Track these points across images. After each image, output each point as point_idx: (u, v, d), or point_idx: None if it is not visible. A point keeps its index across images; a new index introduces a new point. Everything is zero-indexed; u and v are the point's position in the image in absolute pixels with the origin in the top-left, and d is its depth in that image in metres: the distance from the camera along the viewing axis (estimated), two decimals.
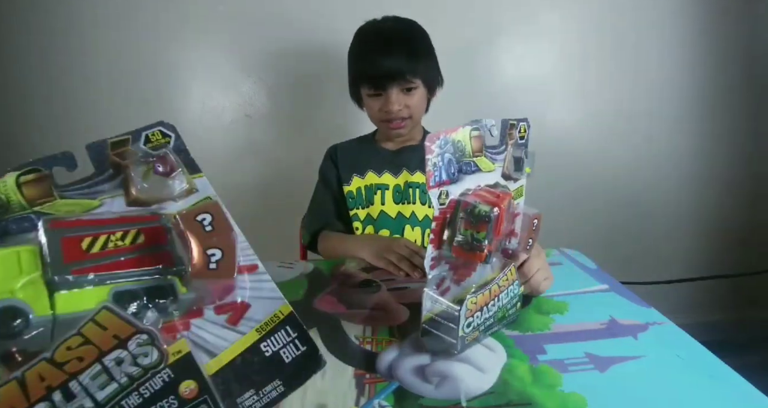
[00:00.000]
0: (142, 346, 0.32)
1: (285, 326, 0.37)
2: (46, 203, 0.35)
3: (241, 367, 0.36)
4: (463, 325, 0.47)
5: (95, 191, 0.37)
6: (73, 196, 0.36)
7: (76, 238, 0.34)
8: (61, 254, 0.33)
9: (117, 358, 0.31)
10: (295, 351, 0.37)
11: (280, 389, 0.36)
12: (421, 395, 0.44)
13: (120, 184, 0.37)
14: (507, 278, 0.52)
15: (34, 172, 0.35)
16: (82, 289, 0.33)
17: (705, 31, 1.39)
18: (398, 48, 0.88)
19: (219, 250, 0.35)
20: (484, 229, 0.46)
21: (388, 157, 0.99)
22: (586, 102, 1.43)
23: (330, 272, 0.76)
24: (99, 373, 0.31)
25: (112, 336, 0.31)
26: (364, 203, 0.97)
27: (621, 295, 0.65)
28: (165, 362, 0.32)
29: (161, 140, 0.39)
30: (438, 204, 0.46)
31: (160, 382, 0.32)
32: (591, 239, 1.45)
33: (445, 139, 0.46)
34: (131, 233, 0.35)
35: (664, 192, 1.49)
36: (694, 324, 0.79)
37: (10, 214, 0.34)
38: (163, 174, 0.38)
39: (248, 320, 0.37)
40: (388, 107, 0.89)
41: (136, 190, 0.37)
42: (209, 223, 0.35)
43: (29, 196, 0.35)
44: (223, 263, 0.35)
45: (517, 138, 0.53)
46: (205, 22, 1.31)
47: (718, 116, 1.45)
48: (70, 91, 1.34)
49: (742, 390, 0.43)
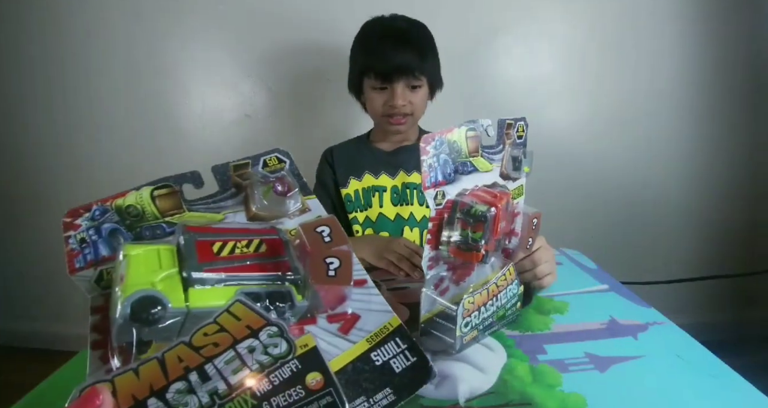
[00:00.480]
0: (273, 337, 0.34)
1: (395, 337, 0.39)
2: (176, 214, 0.40)
3: (353, 374, 0.37)
4: (460, 325, 0.48)
5: (219, 206, 0.42)
6: (200, 209, 0.41)
7: (209, 241, 0.37)
8: (196, 254, 0.36)
9: (249, 346, 0.34)
10: (405, 361, 0.38)
11: (391, 398, 0.37)
12: (421, 395, 0.44)
13: (241, 201, 0.42)
14: (505, 278, 0.52)
15: (166, 188, 0.40)
16: (213, 287, 0.35)
17: (705, 31, 1.39)
18: (409, 44, 0.89)
19: (337, 259, 0.37)
20: (481, 229, 0.46)
21: (384, 158, 1.00)
22: (585, 102, 1.43)
23: None
24: (233, 358, 0.33)
25: (245, 326, 0.34)
26: (363, 206, 0.97)
27: (621, 295, 0.65)
28: (293, 353, 0.34)
29: (277, 165, 0.44)
30: (434, 205, 0.47)
31: (288, 371, 0.34)
32: (591, 239, 1.45)
33: (441, 139, 0.46)
34: (255, 242, 0.38)
35: (664, 192, 1.49)
36: (695, 324, 0.79)
37: (144, 223, 0.40)
38: (281, 193, 0.42)
39: (359, 330, 0.39)
40: (393, 101, 0.90)
41: (256, 207, 0.41)
42: (328, 235, 0.38)
43: (162, 208, 0.40)
44: (341, 271, 0.37)
45: (515, 137, 0.53)
46: (205, 22, 1.31)
47: (718, 116, 1.45)
48: (69, 91, 1.34)
49: (743, 390, 0.43)
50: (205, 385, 0.32)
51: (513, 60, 1.39)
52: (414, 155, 0.94)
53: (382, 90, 0.91)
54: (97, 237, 0.38)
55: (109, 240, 0.38)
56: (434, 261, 0.49)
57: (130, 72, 1.32)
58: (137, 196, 0.39)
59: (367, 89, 0.94)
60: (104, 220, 0.38)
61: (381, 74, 0.89)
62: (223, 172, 0.42)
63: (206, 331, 0.33)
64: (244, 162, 0.43)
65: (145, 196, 0.39)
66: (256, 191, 0.41)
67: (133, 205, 0.39)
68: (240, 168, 0.42)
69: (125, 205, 0.39)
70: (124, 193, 0.39)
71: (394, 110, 0.91)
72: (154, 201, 0.40)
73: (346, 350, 0.38)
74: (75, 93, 1.34)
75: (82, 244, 0.38)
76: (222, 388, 0.32)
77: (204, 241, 0.37)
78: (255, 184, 0.42)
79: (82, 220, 0.38)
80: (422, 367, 0.38)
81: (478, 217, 0.46)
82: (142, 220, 0.39)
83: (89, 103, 1.34)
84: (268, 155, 0.44)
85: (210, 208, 0.42)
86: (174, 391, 0.31)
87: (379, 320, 0.40)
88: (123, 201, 0.39)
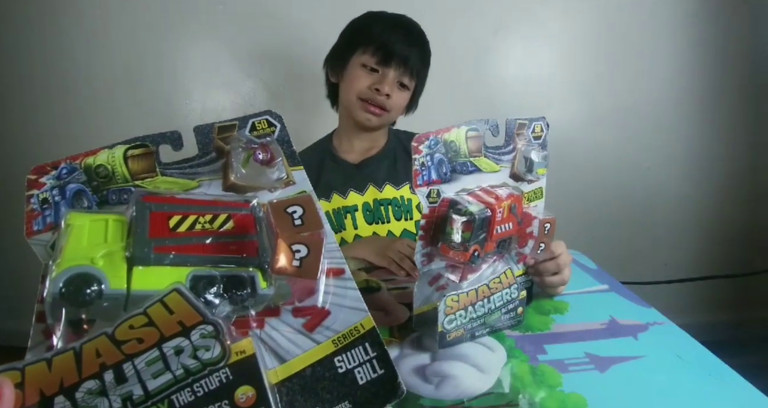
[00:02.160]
0: (206, 339, 0.30)
1: (364, 343, 0.34)
2: (148, 178, 0.36)
3: (311, 379, 0.33)
4: (443, 322, 0.48)
5: (195, 172, 0.37)
6: (174, 174, 0.37)
7: (165, 214, 0.33)
8: (147, 229, 0.32)
9: (177, 347, 0.29)
10: (371, 373, 0.34)
11: None
12: (422, 395, 0.44)
13: (220, 168, 0.37)
14: (500, 281, 0.52)
15: (142, 147, 0.36)
16: (161, 267, 0.31)
17: (706, 31, 1.39)
18: (418, 44, 0.88)
19: (305, 246, 0.33)
20: (469, 230, 0.46)
21: (350, 172, 0.94)
22: (585, 102, 1.43)
23: None
24: (156, 359, 0.29)
25: (177, 321, 0.30)
26: (336, 228, 0.90)
27: (621, 295, 0.65)
28: (226, 361, 0.30)
29: (267, 129, 0.39)
30: (427, 202, 0.47)
31: (217, 381, 0.29)
32: (591, 239, 1.45)
33: (435, 139, 0.46)
34: (221, 218, 0.34)
35: (664, 192, 1.49)
36: (695, 324, 0.79)
37: (112, 185, 0.36)
38: (263, 162, 0.37)
39: (326, 329, 0.35)
40: (381, 86, 0.85)
41: (234, 176, 0.36)
42: (299, 217, 0.33)
43: (133, 170, 0.36)
44: (308, 261, 0.33)
45: (530, 138, 0.53)
46: (205, 22, 1.31)
47: (718, 116, 1.45)
48: (69, 91, 1.34)
49: (743, 390, 0.43)
50: (119, 388, 0.28)
51: (513, 60, 1.39)
52: (383, 166, 0.92)
53: (372, 72, 0.87)
54: (60, 198, 0.34)
55: (73, 202, 0.35)
56: (428, 257, 0.49)
57: (130, 72, 1.32)
58: (109, 155, 0.36)
59: (355, 66, 0.88)
60: (70, 179, 0.35)
61: (382, 53, 0.84)
62: (206, 133, 0.38)
63: (133, 323, 0.29)
64: (230, 124, 0.38)
65: (117, 156, 0.36)
66: (236, 158, 0.37)
67: (104, 165, 0.35)
68: (225, 130, 0.38)
69: (95, 164, 0.35)
70: (95, 150, 0.36)
71: (377, 97, 0.86)
72: (127, 162, 0.36)
73: (308, 350, 0.34)
74: (74, 93, 1.33)
75: (43, 205, 0.34)
76: (138, 393, 0.28)
77: (160, 213, 0.33)
78: (235, 150, 0.37)
79: (47, 179, 0.35)
80: (389, 382, 0.33)
81: (467, 217, 0.46)
82: (110, 182, 0.36)
83: (89, 103, 1.34)
84: (258, 117, 0.39)
85: (185, 174, 0.37)
86: (84, 390, 0.28)
87: (351, 319, 0.35)
88: (93, 160, 0.35)
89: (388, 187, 0.91)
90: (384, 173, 0.92)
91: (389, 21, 0.89)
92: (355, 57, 0.88)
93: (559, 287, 0.62)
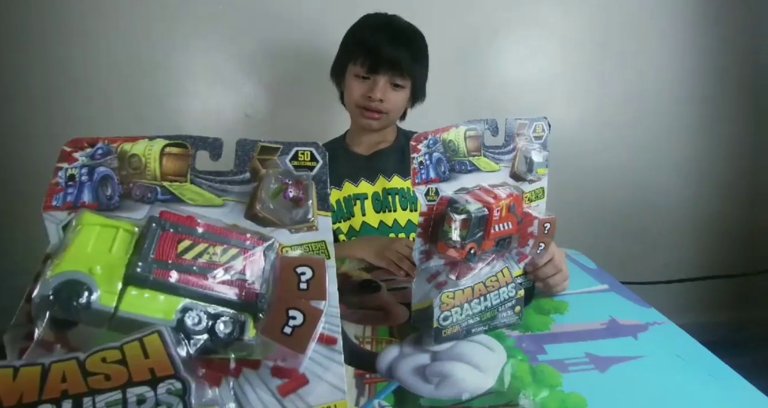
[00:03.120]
0: (171, 395, 0.28)
1: None
2: (176, 182, 0.35)
3: None
4: (438, 318, 0.48)
5: (224, 189, 0.36)
6: (202, 185, 0.35)
7: (177, 236, 0.32)
8: (154, 249, 0.31)
9: (141, 396, 0.28)
10: None
11: None
12: (421, 395, 0.44)
13: (249, 191, 0.36)
14: (497, 279, 0.52)
15: (181, 147, 0.35)
16: (157, 293, 0.30)
17: (707, 31, 1.39)
18: (404, 42, 0.89)
19: (302, 315, 0.32)
20: (466, 228, 0.46)
21: (362, 164, 0.98)
22: (585, 102, 1.43)
23: None
24: (116, 402, 0.28)
25: (148, 368, 0.28)
26: (345, 215, 0.95)
27: (621, 295, 0.65)
28: None
29: (308, 162, 0.37)
30: (426, 200, 0.47)
31: None
32: (591, 239, 1.45)
33: (434, 138, 0.47)
34: (231, 252, 0.33)
35: (664, 192, 1.49)
36: (694, 324, 0.79)
37: (140, 179, 0.34)
38: (293, 200, 0.35)
39: (298, 398, 0.33)
40: (372, 93, 0.89)
41: (259, 206, 0.35)
42: (306, 281, 0.32)
43: (166, 169, 0.35)
44: (300, 331, 0.31)
45: (531, 137, 0.53)
46: (205, 22, 1.31)
47: (719, 116, 1.45)
48: (68, 91, 1.34)
49: (743, 390, 0.43)
50: None
51: (513, 60, 1.39)
52: (392, 159, 0.96)
53: (364, 80, 0.90)
54: (87, 178, 0.33)
55: (98, 187, 0.33)
56: (426, 254, 0.49)
57: (130, 72, 1.32)
58: (147, 147, 0.34)
59: (350, 76, 0.92)
60: (103, 162, 0.34)
61: (368, 63, 0.88)
62: (248, 150, 0.36)
63: (106, 356, 0.28)
64: (274, 146, 0.36)
65: (155, 149, 0.34)
66: (267, 188, 0.35)
67: (139, 156, 0.34)
68: (267, 152, 0.36)
69: (131, 152, 0.34)
70: (136, 138, 0.34)
71: (371, 103, 0.90)
72: (162, 158, 0.34)
73: None
74: (73, 93, 1.33)
75: (68, 182, 0.33)
76: None
77: (171, 234, 0.31)
78: (269, 179, 0.35)
79: (80, 155, 0.33)
80: None
81: (464, 215, 0.46)
82: (140, 175, 0.34)
83: (88, 103, 1.34)
84: (304, 148, 0.37)
85: (213, 187, 0.35)
86: None
87: (327, 397, 0.33)
88: (131, 147, 0.34)
89: (396, 178, 0.95)
90: (393, 165, 0.96)
91: (375, 27, 0.92)
92: (348, 68, 0.92)
93: (563, 283, 0.62)
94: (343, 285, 0.69)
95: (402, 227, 0.94)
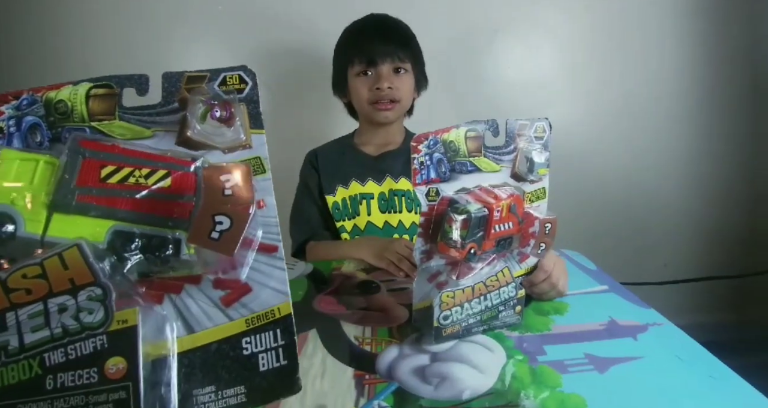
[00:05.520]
0: (92, 301, 0.29)
1: (276, 328, 0.33)
2: (105, 121, 0.35)
3: (214, 356, 0.32)
4: (438, 317, 0.48)
5: (153, 121, 0.35)
6: (131, 120, 0.35)
7: (99, 162, 0.31)
8: (76, 175, 0.31)
9: (62, 305, 0.29)
10: (274, 361, 0.33)
11: (241, 399, 0.32)
12: (421, 396, 0.44)
13: (179, 121, 0.35)
14: (497, 279, 0.52)
15: (106, 88, 0.35)
16: (82, 217, 0.30)
17: (707, 31, 1.39)
18: (391, 31, 0.92)
19: (229, 219, 0.31)
20: (466, 228, 0.46)
21: (370, 164, 0.99)
22: (586, 102, 1.43)
23: (329, 273, 0.76)
24: (38, 313, 0.28)
25: (68, 278, 0.29)
26: (350, 214, 0.96)
27: (620, 295, 0.65)
28: (106, 327, 0.29)
29: (237, 85, 0.37)
30: (426, 201, 0.47)
31: (91, 347, 0.28)
32: (591, 240, 1.44)
33: (435, 139, 0.47)
34: (159, 173, 0.32)
35: (665, 193, 1.49)
36: (694, 325, 0.79)
37: (68, 123, 0.34)
38: (221, 120, 0.35)
39: (242, 306, 0.34)
40: (380, 83, 0.90)
41: (189, 131, 0.34)
42: (231, 186, 0.32)
43: (93, 110, 0.35)
44: (227, 235, 0.31)
45: (532, 138, 0.53)
46: (204, 22, 1.31)
47: (719, 117, 1.45)
48: None
49: (742, 391, 0.43)
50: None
51: (513, 61, 1.39)
52: (399, 160, 0.97)
53: (366, 76, 0.92)
54: (15, 129, 0.33)
55: (27, 135, 0.34)
56: (427, 254, 0.49)
57: (130, 73, 1.32)
58: (72, 92, 0.34)
59: (352, 80, 0.93)
60: (29, 111, 0.34)
61: (365, 58, 0.90)
62: (174, 81, 0.36)
63: (27, 272, 0.29)
64: (201, 74, 0.36)
65: (80, 93, 0.34)
66: (193, 111, 0.35)
67: (64, 101, 0.34)
68: (195, 81, 0.36)
69: (56, 99, 0.34)
70: (59, 85, 0.35)
71: (381, 94, 0.91)
72: (88, 100, 0.35)
73: (220, 325, 0.32)
74: None
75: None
76: (14, 344, 0.28)
77: (93, 161, 0.31)
78: (195, 103, 0.34)
79: (7, 108, 0.33)
80: (288, 376, 0.33)
81: (465, 215, 0.46)
82: (67, 119, 0.34)
83: None
84: (231, 72, 0.37)
85: (142, 121, 0.35)
86: None
87: (270, 301, 0.33)
88: (56, 94, 0.34)
89: (403, 179, 0.96)
90: (401, 167, 0.96)
91: (360, 29, 0.95)
92: (349, 73, 0.94)
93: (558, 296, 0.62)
94: (343, 285, 0.70)
95: (406, 229, 0.95)
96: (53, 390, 0.27)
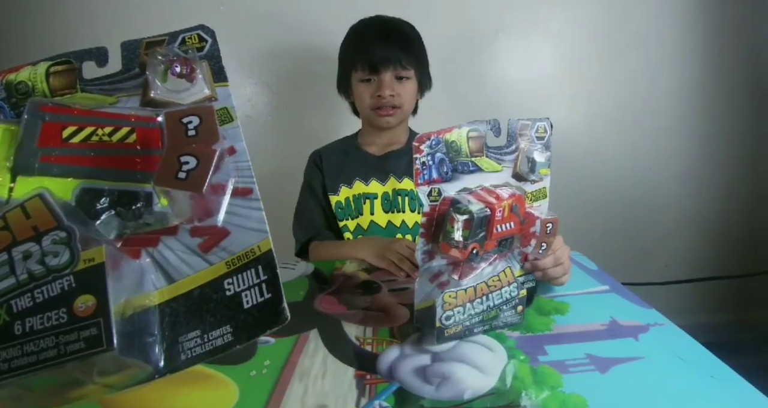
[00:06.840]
0: (56, 244, 0.28)
1: (257, 265, 0.32)
2: (67, 95, 0.35)
3: (198, 301, 0.32)
4: (441, 317, 0.48)
5: (115, 88, 0.35)
6: (93, 91, 0.35)
7: (60, 124, 0.31)
8: (37, 138, 0.30)
9: (26, 252, 0.28)
10: (257, 296, 0.32)
11: (228, 338, 0.31)
12: (422, 396, 0.44)
13: (141, 84, 0.35)
14: (499, 279, 0.52)
15: (65, 64, 0.35)
16: (47, 178, 0.30)
17: (707, 31, 1.39)
18: (395, 36, 0.91)
19: (195, 158, 0.31)
20: (468, 228, 0.46)
21: (373, 163, 0.99)
22: (586, 103, 1.43)
23: (331, 273, 0.76)
24: (3, 263, 0.28)
25: (31, 226, 0.29)
26: (354, 213, 0.96)
27: (622, 296, 0.65)
28: (72, 268, 0.28)
29: (197, 44, 0.37)
30: (428, 201, 0.47)
31: (58, 288, 0.28)
32: (592, 240, 1.45)
33: (437, 139, 0.47)
34: (123, 131, 0.32)
35: (665, 193, 1.49)
36: (695, 325, 0.79)
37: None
38: (182, 76, 0.35)
39: (221, 250, 0.33)
40: (381, 91, 0.90)
41: (152, 92, 0.34)
42: (194, 128, 0.32)
43: (54, 87, 0.35)
44: (194, 174, 0.31)
45: (533, 138, 0.53)
46: (205, 22, 1.30)
47: (719, 117, 1.45)
48: None
49: (744, 391, 0.43)
50: None
51: (514, 61, 1.39)
52: (403, 160, 0.97)
53: (369, 82, 0.92)
54: None
55: None
56: (428, 254, 0.49)
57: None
58: (31, 72, 0.35)
59: (355, 83, 0.94)
60: None
61: (368, 65, 0.90)
62: (133, 48, 0.36)
63: None
64: (159, 39, 0.36)
65: (39, 72, 0.35)
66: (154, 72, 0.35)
67: (25, 82, 0.34)
68: (153, 45, 0.36)
69: (17, 80, 0.34)
70: (19, 67, 0.35)
71: (382, 101, 0.91)
72: (48, 78, 0.35)
73: (200, 271, 0.32)
74: None
75: None
76: None
77: (54, 123, 0.31)
78: (154, 63, 0.34)
79: None
80: (273, 307, 0.32)
81: (466, 215, 0.46)
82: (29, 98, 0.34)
83: None
84: (189, 32, 0.37)
85: (104, 90, 0.35)
86: None
87: (249, 241, 0.33)
88: (15, 76, 0.35)
89: (407, 179, 0.96)
90: (404, 167, 0.97)
91: (364, 31, 0.94)
92: (352, 77, 0.94)
93: (563, 277, 0.62)
94: (344, 285, 0.70)
95: (409, 229, 0.95)
96: (22, 334, 0.27)
